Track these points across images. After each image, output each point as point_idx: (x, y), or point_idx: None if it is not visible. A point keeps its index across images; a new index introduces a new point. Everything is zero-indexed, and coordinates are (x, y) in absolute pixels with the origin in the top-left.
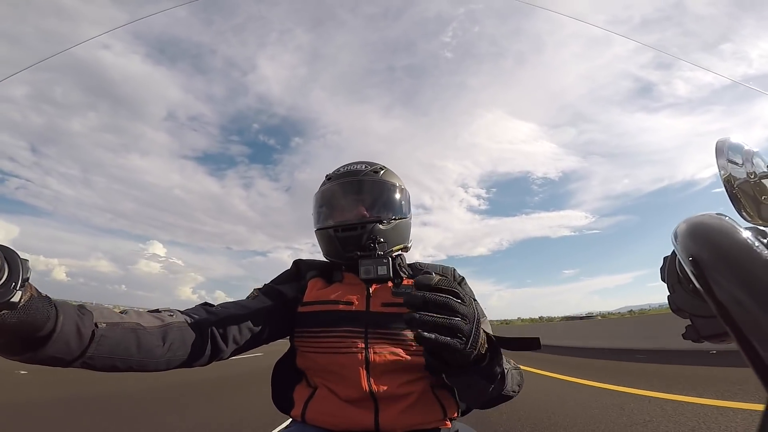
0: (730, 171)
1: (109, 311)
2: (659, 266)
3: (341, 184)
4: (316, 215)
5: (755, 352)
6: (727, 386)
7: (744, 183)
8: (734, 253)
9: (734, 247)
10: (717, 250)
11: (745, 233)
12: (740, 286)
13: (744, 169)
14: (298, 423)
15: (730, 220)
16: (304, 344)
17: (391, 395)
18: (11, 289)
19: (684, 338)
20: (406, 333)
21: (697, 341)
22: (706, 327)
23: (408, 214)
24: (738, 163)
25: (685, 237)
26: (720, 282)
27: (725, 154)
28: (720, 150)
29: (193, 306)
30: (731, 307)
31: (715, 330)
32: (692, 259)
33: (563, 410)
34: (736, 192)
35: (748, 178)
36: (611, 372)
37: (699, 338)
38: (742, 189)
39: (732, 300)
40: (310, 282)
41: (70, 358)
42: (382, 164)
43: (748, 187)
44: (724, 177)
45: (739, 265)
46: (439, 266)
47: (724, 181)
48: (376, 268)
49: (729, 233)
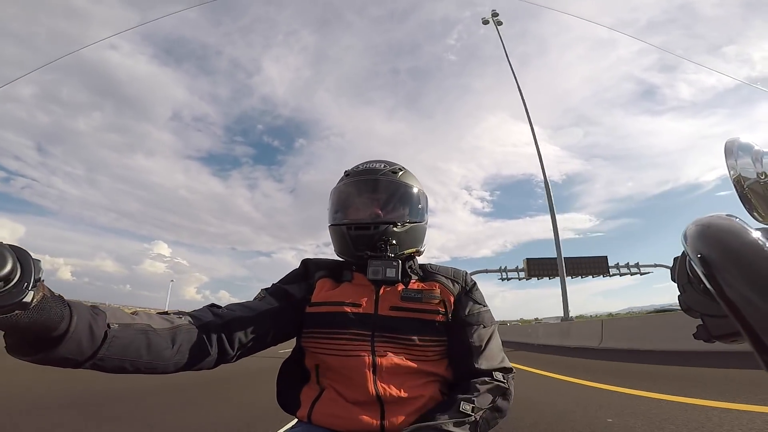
0: (740, 171)
1: (122, 312)
2: (663, 268)
3: (358, 182)
4: (331, 211)
5: (767, 351)
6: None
7: (754, 183)
8: (745, 253)
9: (745, 246)
10: (727, 250)
11: (756, 233)
12: (751, 286)
13: (754, 170)
14: (304, 424)
15: (741, 221)
16: (312, 345)
17: (397, 399)
18: (24, 289)
19: (695, 338)
20: (414, 338)
21: (708, 341)
22: (717, 327)
23: (424, 218)
24: (748, 163)
25: (696, 238)
26: (731, 281)
27: (735, 154)
28: (729, 150)
29: (201, 307)
30: (743, 306)
31: (726, 330)
32: (702, 259)
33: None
34: (746, 192)
35: (758, 178)
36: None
37: (710, 338)
38: (752, 189)
39: (743, 299)
40: (319, 282)
41: (82, 359)
42: (402, 165)
43: (759, 187)
44: (734, 177)
45: (750, 265)
46: (451, 269)
47: (734, 182)
48: (384, 269)
49: (739, 233)
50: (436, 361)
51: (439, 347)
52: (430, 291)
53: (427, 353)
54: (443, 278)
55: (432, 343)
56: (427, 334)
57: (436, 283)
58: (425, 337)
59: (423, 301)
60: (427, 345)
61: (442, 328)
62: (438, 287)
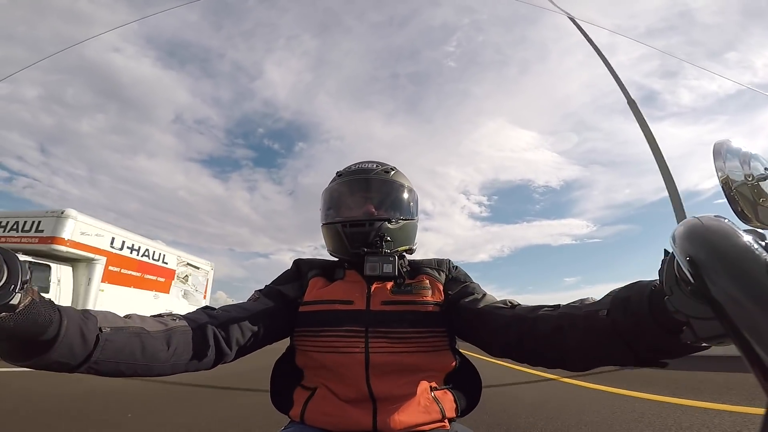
0: (728, 173)
1: (113, 316)
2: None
3: (351, 181)
4: (324, 210)
5: (754, 353)
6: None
7: (742, 185)
8: (733, 255)
9: (733, 248)
10: (715, 251)
11: (744, 235)
12: (739, 288)
13: (742, 172)
14: (297, 424)
15: (729, 222)
16: (304, 343)
17: (390, 395)
18: (10, 292)
19: (681, 340)
20: (407, 330)
21: (695, 343)
22: (704, 329)
23: (415, 216)
24: (736, 166)
25: (684, 238)
26: (718, 283)
27: (723, 156)
28: (718, 152)
29: (195, 310)
30: (730, 308)
31: (713, 332)
32: (690, 261)
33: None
34: (733, 194)
35: (746, 180)
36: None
37: (697, 340)
38: (739, 191)
39: (730, 301)
40: (311, 281)
41: (75, 363)
42: (393, 165)
43: (746, 189)
44: (721, 179)
45: (737, 267)
46: (434, 260)
47: (722, 184)
48: (381, 265)
49: (727, 235)
50: (430, 353)
51: (432, 338)
52: (420, 283)
53: (421, 345)
54: (429, 269)
55: (426, 334)
56: (421, 325)
57: (423, 275)
58: (419, 328)
59: (413, 292)
60: (422, 336)
61: (435, 318)
62: (426, 278)
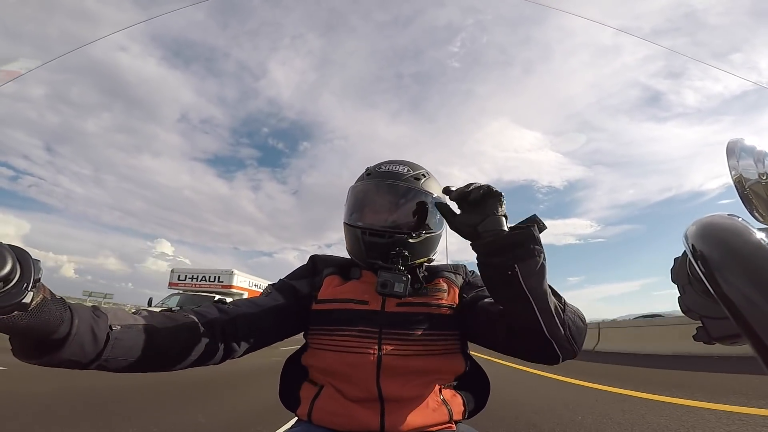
0: (742, 172)
1: (123, 313)
2: (666, 275)
3: (379, 185)
4: (348, 209)
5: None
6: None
7: (755, 184)
8: (746, 254)
9: (746, 247)
10: (729, 250)
11: (758, 234)
12: (753, 287)
13: (756, 170)
14: (304, 423)
15: (742, 220)
16: (317, 342)
17: (398, 397)
18: (23, 290)
19: (695, 340)
20: (421, 332)
21: (708, 343)
22: (718, 328)
23: (441, 227)
24: (750, 164)
25: (697, 237)
26: (732, 282)
27: (737, 155)
28: (731, 150)
29: (206, 304)
30: (744, 307)
31: (726, 331)
32: (703, 260)
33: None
34: (747, 193)
35: (760, 179)
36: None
37: (710, 340)
38: (753, 190)
39: (745, 300)
40: (326, 279)
41: (86, 361)
42: (426, 170)
43: (760, 188)
44: (735, 178)
45: (751, 266)
46: (450, 265)
47: (735, 182)
48: (393, 284)
49: (741, 233)
50: (441, 356)
51: (445, 341)
52: (436, 285)
53: (434, 348)
54: (446, 273)
55: (438, 337)
56: (435, 327)
57: (440, 278)
58: (432, 331)
59: (429, 294)
60: (434, 339)
61: (449, 321)
62: (443, 281)
